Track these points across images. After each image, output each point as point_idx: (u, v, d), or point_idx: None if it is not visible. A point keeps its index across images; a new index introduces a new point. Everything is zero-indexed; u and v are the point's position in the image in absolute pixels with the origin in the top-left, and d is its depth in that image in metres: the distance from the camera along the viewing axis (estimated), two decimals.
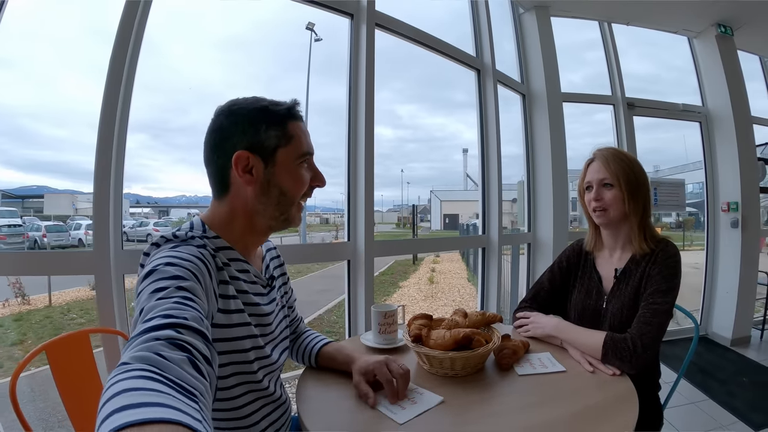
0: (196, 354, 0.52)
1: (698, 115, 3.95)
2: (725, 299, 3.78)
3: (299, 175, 0.90)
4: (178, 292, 0.64)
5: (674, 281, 1.20)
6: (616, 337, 1.12)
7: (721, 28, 3.70)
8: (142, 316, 0.58)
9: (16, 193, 3.67)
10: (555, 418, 0.89)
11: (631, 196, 1.27)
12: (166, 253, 0.75)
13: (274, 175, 0.87)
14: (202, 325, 0.59)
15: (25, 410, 1.03)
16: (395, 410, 0.90)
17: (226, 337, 0.84)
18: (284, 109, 0.88)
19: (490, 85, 2.89)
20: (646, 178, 1.32)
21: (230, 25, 2.83)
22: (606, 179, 1.30)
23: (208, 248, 0.82)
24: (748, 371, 3.15)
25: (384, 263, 10.07)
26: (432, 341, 1.07)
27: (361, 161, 2.11)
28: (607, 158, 1.31)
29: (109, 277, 1.54)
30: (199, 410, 0.43)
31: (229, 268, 0.87)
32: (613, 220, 1.31)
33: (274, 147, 0.86)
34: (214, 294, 0.78)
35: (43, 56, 2.41)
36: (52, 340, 1.25)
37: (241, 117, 0.86)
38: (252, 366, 0.89)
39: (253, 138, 0.85)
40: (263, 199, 0.88)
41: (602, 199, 1.30)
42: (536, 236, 3.35)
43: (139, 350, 0.48)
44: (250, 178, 0.86)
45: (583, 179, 1.39)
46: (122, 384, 0.41)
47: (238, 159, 0.84)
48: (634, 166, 1.30)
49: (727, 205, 3.73)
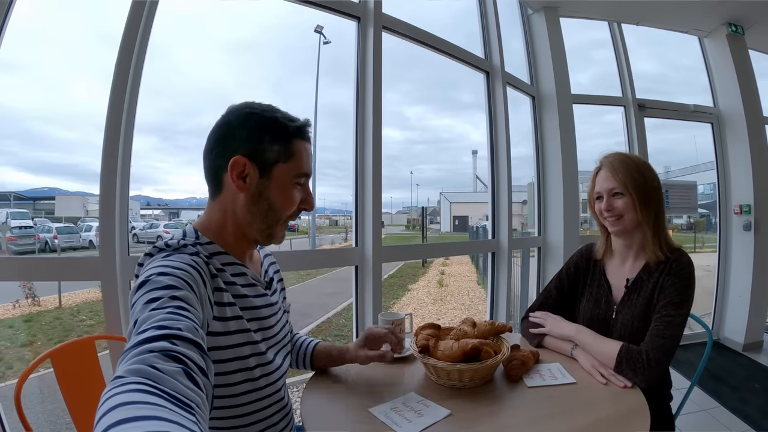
0: (191, 365, 0.52)
1: (709, 116, 3.89)
2: (737, 303, 3.72)
3: (290, 195, 0.90)
4: (172, 302, 0.63)
5: (688, 293, 1.17)
6: (632, 348, 1.11)
7: (731, 27, 3.64)
8: (136, 328, 0.57)
9: (28, 195, 3.71)
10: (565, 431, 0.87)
11: (642, 204, 1.23)
12: (159, 262, 0.74)
13: (267, 188, 0.87)
14: (197, 336, 0.58)
15: (34, 411, 1.04)
16: (401, 423, 0.89)
17: (228, 344, 0.83)
18: (294, 126, 0.88)
19: (500, 88, 2.87)
20: (658, 183, 1.27)
21: (238, 29, 2.84)
22: (615, 188, 1.26)
23: (201, 255, 0.81)
24: (760, 377, 3.09)
25: (393, 266, 10.06)
26: (440, 352, 1.05)
27: (368, 166, 2.10)
28: (615, 166, 1.26)
29: (115, 283, 1.54)
30: (196, 422, 0.42)
31: (224, 273, 0.85)
32: (628, 227, 1.27)
33: (273, 161, 0.86)
34: (208, 301, 0.77)
35: (51, 60, 2.43)
36: (57, 347, 1.25)
37: (250, 121, 0.85)
38: (254, 372, 0.87)
39: (256, 146, 0.84)
40: (252, 209, 0.87)
41: (614, 209, 1.27)
42: (546, 240, 3.32)
43: (133, 363, 0.48)
44: (242, 185, 0.85)
45: (592, 189, 1.35)
46: (118, 398, 0.41)
47: (234, 164, 0.83)
48: (644, 171, 1.26)
49: (739, 207, 3.67)
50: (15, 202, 3.61)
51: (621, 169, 1.25)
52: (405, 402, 0.98)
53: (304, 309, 6.34)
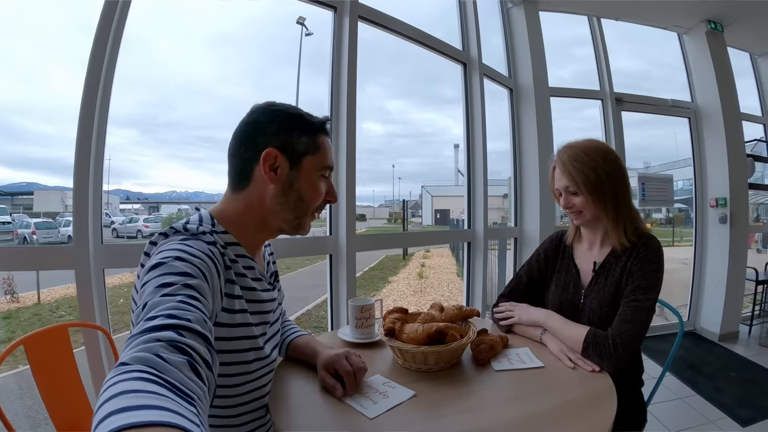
0: (196, 358, 0.52)
1: (687, 111, 3.96)
2: (713, 294, 3.80)
3: (318, 186, 0.94)
4: (185, 290, 0.64)
5: (656, 276, 1.18)
6: (598, 333, 1.11)
7: (711, 25, 3.71)
8: (145, 312, 0.57)
9: (5, 190, 3.63)
10: (532, 413, 0.87)
11: (596, 198, 1.24)
12: (176, 246, 0.74)
13: (297, 180, 0.91)
14: (205, 328, 0.58)
15: (13, 407, 1.02)
16: (366, 404, 0.89)
17: (230, 336, 0.84)
18: (318, 122, 0.94)
19: (476, 79, 2.88)
20: (612, 164, 1.24)
21: (217, 21, 2.81)
22: (569, 187, 1.27)
23: (217, 245, 0.82)
24: (735, 366, 3.17)
25: (374, 258, 10.05)
26: (405, 335, 1.05)
27: (342, 155, 2.10)
28: (565, 163, 1.26)
29: (89, 272, 1.53)
30: (197, 414, 0.42)
31: (237, 265, 0.87)
32: (590, 220, 1.29)
33: (302, 153, 0.90)
34: (220, 293, 0.79)
35: (26, 51, 2.38)
36: (30, 334, 1.23)
37: (279, 117, 0.89)
38: (251, 366, 0.89)
39: (286, 139, 0.88)
40: (281, 199, 0.90)
41: (573, 205, 1.28)
42: (523, 230, 3.34)
43: (139, 350, 0.48)
44: (273, 176, 0.88)
45: (552, 185, 1.37)
46: (121, 385, 0.41)
47: (267, 156, 0.86)
48: (594, 160, 1.23)
49: (715, 201, 3.75)
50: None
51: (571, 165, 1.25)
52: (370, 384, 0.98)
53: (285, 302, 6.32)
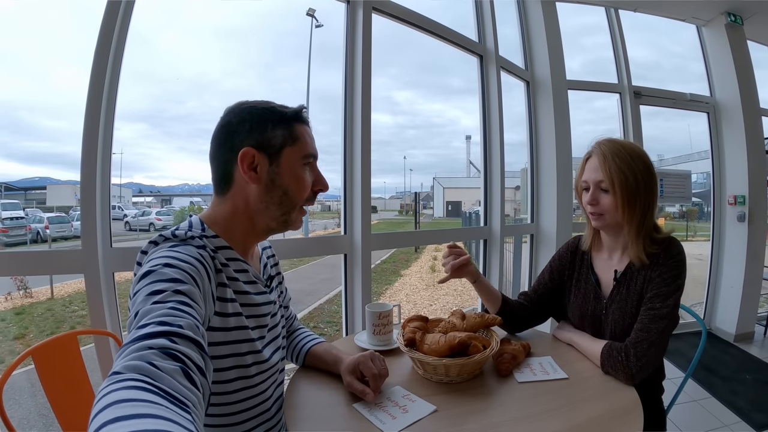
0: (189, 364, 0.51)
1: (706, 106, 3.86)
2: (730, 293, 3.72)
3: (302, 177, 0.91)
4: (175, 296, 0.63)
5: (677, 282, 1.11)
6: (614, 346, 1.07)
7: (730, 17, 3.60)
8: (137, 321, 0.57)
9: (19, 185, 3.66)
10: (555, 431, 0.84)
11: (627, 203, 1.13)
12: (165, 252, 0.73)
13: (278, 175, 0.88)
14: (197, 334, 0.58)
15: (26, 406, 1.01)
16: (385, 419, 0.86)
17: (226, 340, 0.83)
18: (292, 111, 0.90)
19: (494, 72, 2.79)
20: (650, 177, 1.15)
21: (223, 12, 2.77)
22: (602, 182, 1.16)
23: (207, 249, 0.81)
24: (751, 368, 3.10)
25: (385, 251, 10.03)
26: (426, 346, 1.02)
27: (357, 153, 2.05)
28: (606, 156, 1.15)
29: (98, 277, 1.50)
30: (192, 421, 0.42)
31: (228, 268, 0.86)
32: (610, 225, 1.20)
33: (280, 146, 0.87)
34: (212, 297, 0.77)
35: (35, 48, 2.37)
36: (38, 345, 1.20)
37: (250, 115, 0.87)
38: (249, 370, 0.88)
39: (260, 136, 0.86)
40: (266, 198, 0.88)
41: (598, 204, 1.18)
42: (539, 227, 3.26)
43: (131, 359, 0.47)
44: (254, 176, 0.86)
45: (580, 176, 1.24)
46: (114, 395, 0.40)
47: (244, 156, 0.84)
48: (636, 164, 1.13)
49: (733, 198, 3.65)
50: (6, 193, 3.55)
51: (612, 161, 1.14)
52: (390, 396, 0.95)
53: (296, 296, 6.32)
